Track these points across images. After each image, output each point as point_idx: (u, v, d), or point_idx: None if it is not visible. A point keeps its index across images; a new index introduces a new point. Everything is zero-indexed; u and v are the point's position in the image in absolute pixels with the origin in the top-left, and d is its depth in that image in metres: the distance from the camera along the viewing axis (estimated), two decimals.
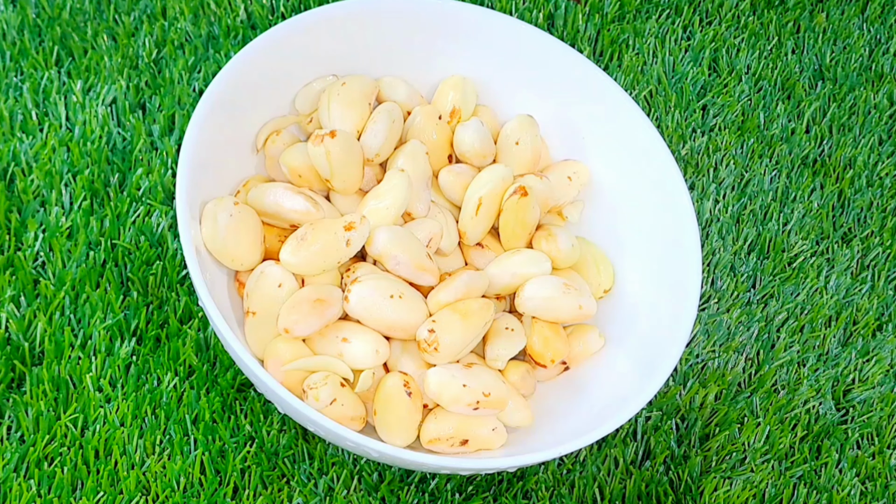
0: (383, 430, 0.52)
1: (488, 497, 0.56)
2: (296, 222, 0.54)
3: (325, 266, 0.52)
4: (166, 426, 0.55)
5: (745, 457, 0.59)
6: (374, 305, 0.51)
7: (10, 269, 0.57)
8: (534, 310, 0.55)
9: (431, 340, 0.51)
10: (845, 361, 0.63)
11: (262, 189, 0.54)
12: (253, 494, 0.54)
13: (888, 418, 0.61)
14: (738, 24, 0.75)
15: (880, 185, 0.70)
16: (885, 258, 0.67)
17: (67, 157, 0.61)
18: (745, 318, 0.63)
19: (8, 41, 0.65)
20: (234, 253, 0.53)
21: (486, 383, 0.52)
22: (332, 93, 0.57)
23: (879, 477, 0.60)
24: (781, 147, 0.70)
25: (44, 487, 0.52)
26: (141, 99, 0.64)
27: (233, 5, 0.69)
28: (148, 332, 0.57)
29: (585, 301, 0.55)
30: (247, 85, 0.55)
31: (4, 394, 0.54)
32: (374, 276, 0.52)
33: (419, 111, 0.58)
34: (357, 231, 0.52)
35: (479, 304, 0.53)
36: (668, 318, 0.55)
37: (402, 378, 0.52)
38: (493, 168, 0.57)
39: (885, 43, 0.76)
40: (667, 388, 0.60)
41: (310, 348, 0.52)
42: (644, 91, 0.70)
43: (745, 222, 0.67)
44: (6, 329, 0.56)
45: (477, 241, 0.57)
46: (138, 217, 0.60)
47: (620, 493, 0.57)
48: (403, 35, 0.60)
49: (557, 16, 0.72)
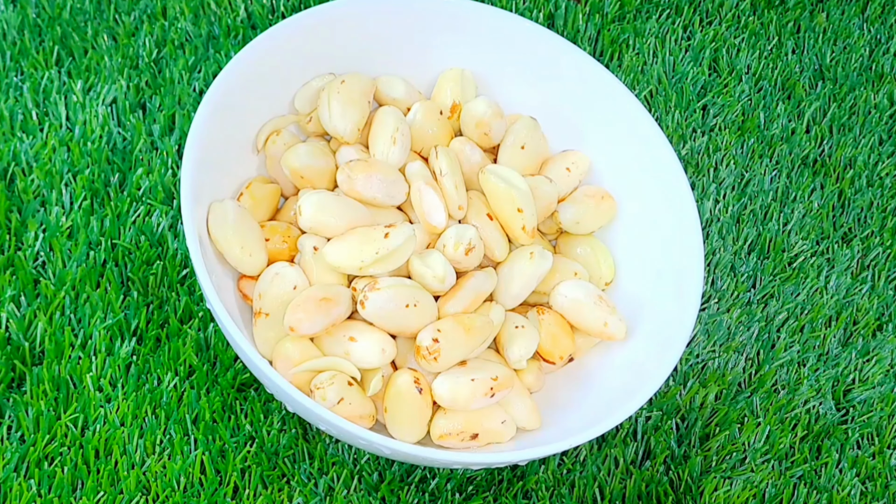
0: (394, 427, 0.52)
1: (488, 497, 0.56)
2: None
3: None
4: (166, 426, 0.55)
5: (746, 457, 0.59)
6: (389, 313, 0.52)
7: (11, 268, 0.57)
8: (561, 307, 0.55)
9: (433, 350, 0.51)
10: (845, 361, 0.63)
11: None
12: (253, 494, 0.54)
13: (888, 418, 0.61)
14: (738, 24, 0.75)
15: (880, 185, 0.70)
16: (886, 258, 0.67)
17: (68, 157, 0.61)
18: (746, 318, 0.63)
19: (8, 41, 0.65)
20: (241, 255, 0.53)
21: (488, 370, 0.52)
22: (332, 91, 0.57)
23: (879, 477, 0.60)
24: (782, 147, 0.70)
25: (44, 487, 0.52)
26: (141, 99, 0.64)
27: (233, 5, 0.69)
28: (148, 331, 0.57)
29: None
30: (247, 85, 0.55)
31: (4, 394, 0.54)
32: (394, 286, 0.52)
33: (419, 107, 0.58)
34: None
35: (483, 322, 0.53)
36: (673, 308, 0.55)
37: (412, 375, 0.52)
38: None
39: (885, 43, 0.76)
40: (667, 388, 0.60)
41: (317, 347, 0.52)
42: (644, 91, 0.70)
43: (745, 222, 0.67)
44: (6, 329, 0.56)
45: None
46: (138, 217, 0.60)
47: (620, 492, 0.57)
48: (402, 32, 0.60)
49: (558, 16, 0.72)
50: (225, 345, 0.57)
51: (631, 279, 0.58)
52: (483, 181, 0.56)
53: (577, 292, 0.56)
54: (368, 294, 0.51)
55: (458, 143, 0.58)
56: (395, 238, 0.52)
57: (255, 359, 0.48)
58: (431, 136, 0.58)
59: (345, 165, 0.55)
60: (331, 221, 0.53)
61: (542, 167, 0.60)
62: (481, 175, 0.56)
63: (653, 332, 0.55)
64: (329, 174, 0.56)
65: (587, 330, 0.56)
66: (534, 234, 0.56)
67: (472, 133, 0.59)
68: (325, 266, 0.53)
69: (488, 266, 0.56)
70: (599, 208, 0.59)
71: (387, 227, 0.53)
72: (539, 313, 0.56)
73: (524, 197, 0.56)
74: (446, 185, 0.55)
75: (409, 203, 0.56)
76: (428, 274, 0.53)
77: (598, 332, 0.56)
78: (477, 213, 0.56)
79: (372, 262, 0.52)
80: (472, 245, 0.54)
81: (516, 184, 0.56)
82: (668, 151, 0.58)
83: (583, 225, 0.59)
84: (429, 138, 0.58)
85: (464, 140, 0.58)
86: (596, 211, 0.59)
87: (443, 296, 0.54)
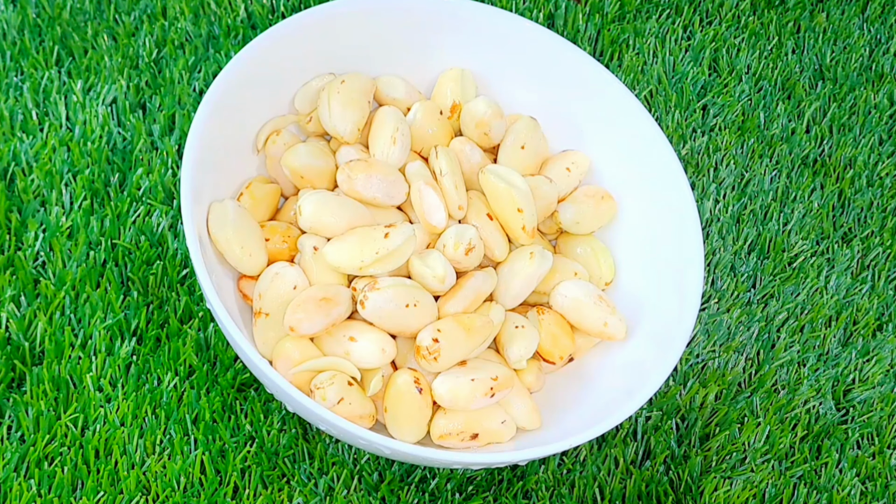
0: (394, 427, 0.52)
1: (488, 497, 0.56)
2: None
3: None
4: (166, 426, 0.55)
5: (746, 457, 0.59)
6: (389, 313, 0.52)
7: (11, 268, 0.57)
8: (561, 307, 0.55)
9: (433, 350, 0.51)
10: (845, 361, 0.63)
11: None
12: (253, 494, 0.54)
13: (888, 418, 0.61)
14: (738, 24, 0.75)
15: (880, 185, 0.70)
16: (886, 258, 0.67)
17: (68, 157, 0.61)
18: (746, 318, 0.63)
19: (8, 41, 0.65)
20: (241, 255, 0.53)
21: (488, 370, 0.52)
22: (332, 91, 0.57)
23: (879, 477, 0.60)
24: (781, 147, 0.70)
25: (44, 487, 0.52)
26: (141, 99, 0.64)
27: (233, 5, 0.69)
28: (148, 331, 0.57)
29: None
30: (247, 85, 0.55)
31: (4, 394, 0.54)
32: (394, 285, 0.52)
33: (419, 107, 0.58)
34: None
35: (483, 322, 0.53)
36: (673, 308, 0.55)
37: (412, 375, 0.52)
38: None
39: (885, 43, 0.76)
40: (667, 388, 0.60)
41: (317, 347, 0.52)
42: (644, 91, 0.70)
43: (745, 222, 0.67)
44: (6, 329, 0.56)
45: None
46: (138, 217, 0.60)
47: (620, 492, 0.57)
48: (402, 32, 0.60)
49: (558, 15, 0.72)
50: (225, 345, 0.57)
51: (631, 279, 0.58)
52: (483, 181, 0.56)
53: (577, 292, 0.56)
54: (368, 294, 0.51)
55: (458, 143, 0.58)
56: (395, 238, 0.52)
57: (255, 359, 0.48)
58: (431, 136, 0.58)
59: (345, 165, 0.55)
60: (331, 221, 0.53)
61: (542, 167, 0.60)
62: (481, 175, 0.56)
63: (653, 332, 0.55)
64: (329, 174, 0.56)
65: (587, 330, 0.56)
66: (534, 234, 0.56)
67: (472, 133, 0.59)
68: (325, 266, 0.53)
69: (488, 266, 0.56)
70: (599, 208, 0.59)
71: (387, 227, 0.53)
72: (539, 313, 0.56)
73: (524, 197, 0.56)
74: (446, 185, 0.55)
75: (409, 203, 0.56)
76: (428, 274, 0.53)
77: (598, 332, 0.56)
78: (477, 213, 0.56)
79: (372, 262, 0.52)
80: (472, 245, 0.54)
81: (516, 184, 0.56)
82: (668, 151, 0.58)
83: (583, 225, 0.59)
84: (429, 138, 0.58)
85: (464, 140, 0.58)
86: (596, 211, 0.59)
87: (443, 296, 0.54)
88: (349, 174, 0.54)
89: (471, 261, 0.54)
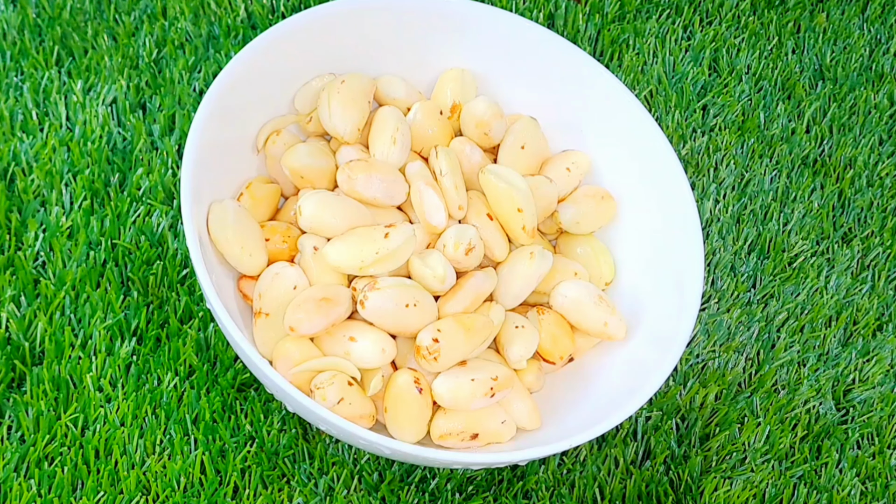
0: (394, 427, 0.52)
1: (488, 497, 0.56)
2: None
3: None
4: (166, 426, 0.55)
5: (746, 457, 0.59)
6: (389, 313, 0.52)
7: (11, 268, 0.57)
8: (561, 307, 0.55)
9: (433, 350, 0.51)
10: (845, 361, 0.63)
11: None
12: (253, 494, 0.54)
13: (888, 418, 0.61)
14: (738, 24, 0.75)
15: (880, 185, 0.70)
16: (886, 258, 0.67)
17: (68, 157, 0.61)
18: (746, 318, 0.63)
19: (8, 41, 0.65)
20: (241, 255, 0.53)
21: (488, 370, 0.52)
22: (332, 91, 0.57)
23: (879, 477, 0.60)
24: (781, 147, 0.70)
25: (44, 487, 0.52)
26: (141, 99, 0.64)
27: (233, 5, 0.69)
28: (148, 331, 0.57)
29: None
30: (247, 85, 0.55)
31: (4, 394, 0.54)
32: (394, 285, 0.52)
33: (419, 107, 0.58)
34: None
35: (483, 322, 0.53)
36: (673, 308, 0.55)
37: (412, 375, 0.52)
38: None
39: (885, 43, 0.76)
40: (667, 388, 0.60)
41: (317, 347, 0.52)
42: (644, 91, 0.70)
43: (745, 222, 0.67)
44: (6, 329, 0.56)
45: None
46: (138, 217, 0.60)
47: (620, 492, 0.57)
48: (402, 32, 0.60)
49: (558, 16, 0.72)
50: (225, 345, 0.57)
51: (631, 279, 0.58)
52: (483, 181, 0.56)
53: (577, 292, 0.56)
54: (368, 294, 0.51)
55: (458, 143, 0.58)
56: (395, 238, 0.52)
57: (255, 359, 0.48)
58: (431, 136, 0.58)
59: (345, 165, 0.55)
60: (331, 221, 0.53)
61: (542, 167, 0.60)
62: (481, 175, 0.56)
63: (653, 332, 0.55)
64: (329, 174, 0.56)
65: (587, 330, 0.56)
66: (534, 234, 0.56)
67: (472, 133, 0.59)
68: (325, 266, 0.53)
69: (488, 266, 0.56)
70: (599, 208, 0.59)
71: (387, 227, 0.53)
72: (539, 313, 0.56)
73: (524, 197, 0.56)
74: (446, 185, 0.55)
75: (409, 203, 0.56)
76: (428, 274, 0.53)
77: (598, 332, 0.56)
78: (477, 213, 0.56)
79: (372, 262, 0.52)
80: (472, 245, 0.54)
81: (516, 184, 0.56)
82: (668, 151, 0.58)
83: (583, 225, 0.59)
84: (429, 138, 0.58)
85: (464, 140, 0.58)
86: (596, 211, 0.59)
87: (443, 296, 0.54)
88: (349, 174, 0.54)
89: (471, 261, 0.54)
